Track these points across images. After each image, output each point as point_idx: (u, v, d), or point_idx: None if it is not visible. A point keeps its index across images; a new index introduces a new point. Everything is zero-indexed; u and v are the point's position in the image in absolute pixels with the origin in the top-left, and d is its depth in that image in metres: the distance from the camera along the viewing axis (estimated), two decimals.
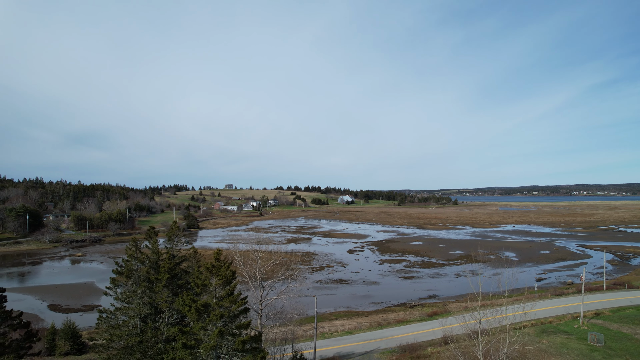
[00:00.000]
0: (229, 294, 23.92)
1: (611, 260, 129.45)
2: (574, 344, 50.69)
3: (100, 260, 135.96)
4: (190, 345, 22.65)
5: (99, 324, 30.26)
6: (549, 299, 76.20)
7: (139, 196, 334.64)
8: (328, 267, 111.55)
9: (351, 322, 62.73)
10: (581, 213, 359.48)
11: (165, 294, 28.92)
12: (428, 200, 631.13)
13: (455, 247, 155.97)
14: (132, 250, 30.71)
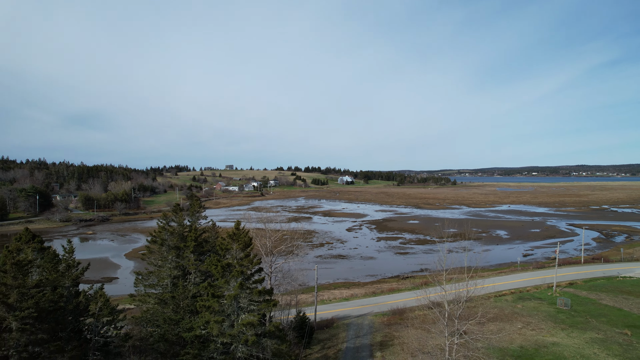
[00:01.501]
0: (247, 255, 29.91)
1: (596, 237, 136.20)
2: (544, 307, 57.25)
3: (110, 237, 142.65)
4: (217, 295, 28.76)
5: (137, 282, 36.45)
6: (530, 271, 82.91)
7: (141, 177, 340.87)
8: (328, 244, 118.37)
9: (348, 291, 69.48)
10: (577, 194, 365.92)
11: (192, 259, 34.94)
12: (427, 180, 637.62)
13: (450, 225, 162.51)
14: (162, 223, 36.64)
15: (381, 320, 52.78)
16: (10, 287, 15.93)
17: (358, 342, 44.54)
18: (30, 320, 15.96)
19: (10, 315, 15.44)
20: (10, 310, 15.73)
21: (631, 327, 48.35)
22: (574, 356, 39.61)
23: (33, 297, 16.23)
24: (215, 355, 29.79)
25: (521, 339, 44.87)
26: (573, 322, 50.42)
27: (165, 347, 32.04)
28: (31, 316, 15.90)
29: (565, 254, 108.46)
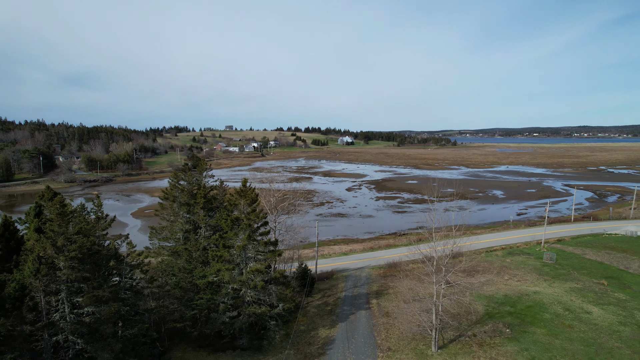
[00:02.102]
0: (253, 210, 32.67)
1: (590, 197, 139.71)
2: (531, 261, 60.95)
3: (115, 198, 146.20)
4: (228, 246, 31.76)
5: (151, 235, 39.49)
6: (522, 229, 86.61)
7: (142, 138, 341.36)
8: (328, 203, 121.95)
9: (347, 247, 73.32)
10: (576, 155, 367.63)
11: (202, 215, 37.74)
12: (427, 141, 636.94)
13: (447, 185, 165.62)
14: (174, 181, 39.16)
15: (378, 273, 56.59)
16: (57, 233, 18.56)
17: (356, 291, 48.34)
18: (75, 261, 18.70)
19: (61, 255, 18.16)
20: (59, 252, 18.44)
21: (608, 278, 52.03)
22: (551, 302, 43.34)
23: (76, 242, 18.88)
24: (227, 299, 33.19)
25: (506, 289, 48.59)
26: (556, 274, 54.10)
27: (181, 293, 35.46)
28: (76, 257, 18.63)
29: (557, 213, 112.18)
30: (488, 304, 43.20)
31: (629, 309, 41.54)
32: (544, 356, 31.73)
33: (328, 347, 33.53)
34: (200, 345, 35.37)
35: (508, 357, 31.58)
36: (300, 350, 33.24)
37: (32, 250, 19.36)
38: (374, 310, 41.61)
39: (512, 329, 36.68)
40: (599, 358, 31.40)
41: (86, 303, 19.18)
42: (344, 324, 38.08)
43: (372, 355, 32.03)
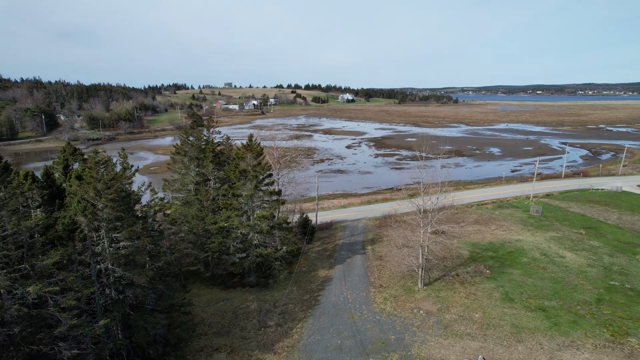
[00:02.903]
0: (259, 163, 35.92)
1: (584, 155, 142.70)
2: (519, 213, 64.98)
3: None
4: (237, 195, 35.29)
5: (164, 187, 43.02)
6: (514, 184, 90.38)
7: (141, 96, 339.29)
8: (328, 160, 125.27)
9: (346, 201, 77.33)
10: (577, 113, 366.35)
11: (211, 168, 41.04)
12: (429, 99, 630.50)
13: (446, 143, 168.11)
14: (184, 137, 42.15)
15: (374, 223, 60.77)
16: (96, 179, 21.82)
17: (353, 239, 52.58)
18: (112, 203, 22.09)
19: (101, 198, 21.55)
20: (98, 195, 21.79)
21: (587, 228, 56.15)
22: (531, 248, 47.58)
23: (111, 187, 22.20)
24: (236, 243, 37.17)
25: (492, 237, 52.77)
26: (540, 225, 58.19)
27: (194, 238, 39.43)
28: (112, 199, 22.01)
29: (550, 170, 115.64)
30: (473, 250, 47.45)
31: (599, 254, 45.80)
32: (516, 291, 36.08)
33: (327, 284, 37.92)
34: (213, 284, 39.83)
35: (485, 292, 35.95)
36: (302, 287, 37.65)
37: (76, 194, 22.73)
38: (369, 255, 45.94)
39: (491, 270, 40.98)
40: (562, 292, 35.77)
41: (123, 237, 22.81)
42: (342, 266, 42.42)
43: (366, 290, 36.42)
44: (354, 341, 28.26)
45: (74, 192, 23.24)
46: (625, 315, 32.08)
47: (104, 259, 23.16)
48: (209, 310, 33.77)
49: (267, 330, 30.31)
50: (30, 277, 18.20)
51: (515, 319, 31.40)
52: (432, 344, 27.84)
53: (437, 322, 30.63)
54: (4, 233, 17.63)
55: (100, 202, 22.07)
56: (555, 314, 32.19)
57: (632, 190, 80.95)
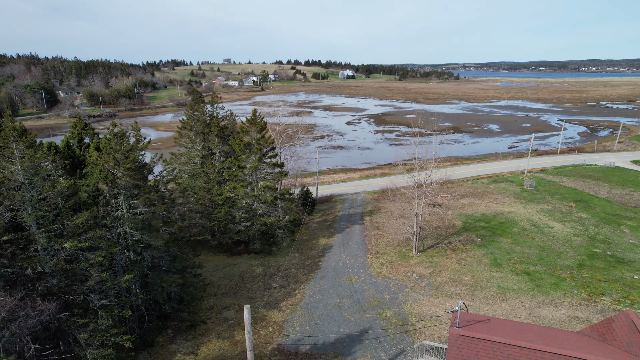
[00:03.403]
0: (263, 137, 37.77)
1: (582, 132, 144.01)
2: (513, 187, 67.16)
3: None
4: (242, 167, 37.29)
5: (171, 161, 44.98)
6: (510, 160, 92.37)
7: (139, 72, 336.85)
8: (328, 136, 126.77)
9: (345, 175, 79.46)
10: (578, 90, 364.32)
11: (216, 142, 42.90)
12: (430, 75, 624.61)
13: (445, 119, 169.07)
14: (189, 111, 43.82)
15: (372, 197, 63.02)
16: (115, 150, 23.75)
17: (352, 210, 54.91)
18: (130, 172, 24.08)
19: (119, 167, 23.55)
20: (117, 164, 23.77)
21: (578, 201, 58.39)
22: (521, 219, 49.94)
23: (129, 157, 24.16)
24: (241, 213, 39.43)
25: (485, 209, 55.07)
26: (532, 198, 60.42)
27: (201, 208, 41.68)
28: (130, 168, 24.00)
29: (547, 146, 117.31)
30: (466, 220, 49.82)
31: (585, 225, 48.18)
32: (504, 257, 38.57)
33: (327, 251, 40.40)
34: (220, 251, 42.35)
35: (475, 258, 38.43)
36: (303, 254, 40.14)
37: (96, 164, 24.68)
38: (367, 225, 48.34)
39: (482, 239, 43.40)
40: (547, 258, 38.25)
41: (140, 203, 24.89)
42: (341, 235, 44.84)
43: (363, 256, 38.91)
44: (351, 300, 30.83)
45: (94, 162, 25.21)
46: (602, 278, 34.61)
47: (123, 224, 25.35)
48: (217, 274, 36.31)
49: (271, 291, 32.87)
50: (63, 236, 20.37)
51: (501, 281, 33.93)
52: (424, 302, 30.40)
53: (428, 284, 33.17)
54: (40, 196, 19.68)
55: (119, 171, 24.08)
56: (539, 277, 34.71)
57: (624, 165, 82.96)
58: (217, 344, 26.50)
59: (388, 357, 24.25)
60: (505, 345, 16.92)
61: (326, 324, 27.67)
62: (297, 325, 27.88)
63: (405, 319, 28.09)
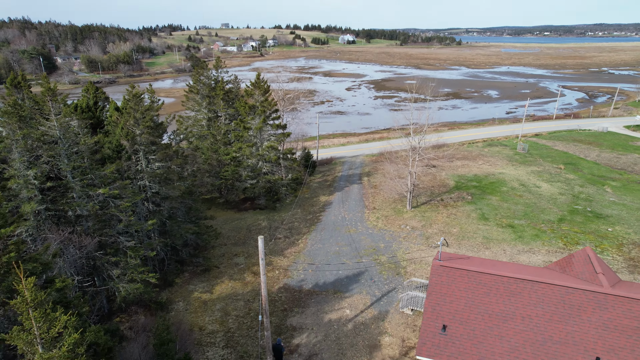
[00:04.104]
0: (266, 99, 39.92)
1: (581, 98, 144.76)
2: (506, 151, 69.64)
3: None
4: (247, 127, 39.68)
5: (179, 123, 47.26)
6: (506, 125, 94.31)
7: (136, 37, 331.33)
8: (328, 102, 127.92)
9: (345, 139, 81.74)
10: (581, 55, 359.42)
11: (222, 104, 45.03)
12: (431, 40, 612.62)
13: (445, 85, 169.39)
14: (196, 75, 45.68)
15: (370, 159, 65.62)
16: (134, 110, 26.11)
17: (351, 172, 57.67)
18: (148, 129, 26.55)
19: (139, 125, 26.01)
20: (137, 122, 26.21)
21: (567, 164, 61.03)
22: (511, 179, 52.78)
23: (146, 116, 26.56)
24: (247, 171, 42.13)
25: (477, 170, 57.77)
26: (524, 161, 63.02)
27: (210, 168, 44.33)
28: (148, 126, 26.46)
29: (544, 112, 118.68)
30: (459, 180, 52.65)
31: (571, 185, 51.05)
32: (491, 212, 41.62)
33: (327, 207, 43.43)
34: (228, 207, 45.37)
35: (464, 213, 41.48)
36: (305, 209, 43.19)
37: (117, 123, 27.11)
38: (365, 184, 51.23)
39: (473, 197, 46.36)
40: (531, 213, 41.31)
41: (158, 158, 27.52)
42: (340, 193, 47.78)
43: (361, 211, 41.96)
44: (349, 248, 34.06)
45: (115, 121, 27.62)
46: (579, 230, 37.78)
47: (142, 177, 28.08)
48: (226, 227, 39.44)
49: (277, 241, 36.07)
50: (95, 185, 23.11)
51: (487, 233, 37.09)
52: (415, 250, 33.64)
53: (420, 235, 36.35)
54: (73, 150, 22.26)
55: (139, 129, 26.56)
56: (522, 230, 37.86)
57: (617, 130, 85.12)
58: (230, 285, 29.85)
59: (381, 293, 27.62)
60: (478, 273, 20.03)
61: (327, 267, 30.97)
62: (300, 269, 31.20)
63: (397, 263, 31.37)
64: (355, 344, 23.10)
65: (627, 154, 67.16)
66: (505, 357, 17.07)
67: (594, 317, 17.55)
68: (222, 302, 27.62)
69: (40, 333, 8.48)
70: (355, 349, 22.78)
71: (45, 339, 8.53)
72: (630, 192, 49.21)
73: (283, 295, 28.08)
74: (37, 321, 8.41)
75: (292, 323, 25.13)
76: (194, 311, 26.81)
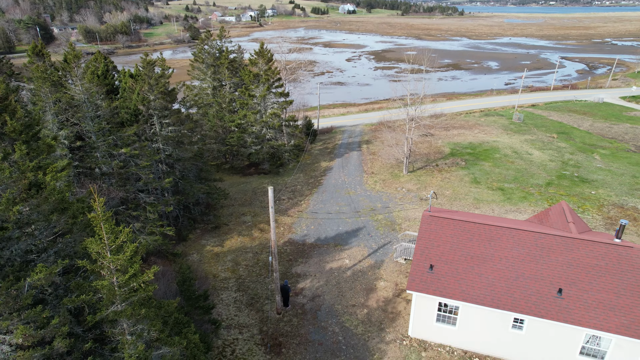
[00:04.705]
0: (270, 68, 41.59)
1: (581, 69, 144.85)
2: (502, 120, 71.44)
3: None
4: (251, 95, 41.53)
5: (185, 91, 48.98)
6: (504, 95, 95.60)
7: (133, 7, 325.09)
8: (328, 73, 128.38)
9: (345, 110, 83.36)
10: (585, 26, 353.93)
11: (226, 73, 46.64)
12: (433, 10, 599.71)
13: (445, 56, 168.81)
14: (200, 45, 47.08)
15: (369, 128, 67.56)
16: (149, 76, 28.03)
17: (350, 140, 59.74)
18: (161, 95, 28.54)
19: (154, 90, 28.01)
20: (151, 88, 28.17)
21: (560, 133, 63.00)
22: (504, 147, 54.94)
23: (159, 83, 28.50)
24: (252, 138, 44.23)
25: (472, 139, 59.82)
26: (518, 130, 64.96)
27: (216, 135, 46.42)
28: (161, 92, 28.43)
29: (543, 83, 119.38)
30: (454, 148, 54.83)
31: (562, 152, 53.27)
32: (483, 177, 44.02)
33: (328, 172, 45.81)
34: (233, 172, 47.76)
35: (457, 177, 43.89)
36: (307, 174, 45.58)
37: (133, 89, 29.06)
38: (364, 151, 53.46)
39: (466, 162, 48.66)
40: (522, 178, 43.73)
41: (171, 122, 29.64)
42: (340, 159, 50.07)
43: (360, 176, 44.37)
44: (349, 208, 36.65)
45: (131, 88, 29.54)
46: (565, 193, 40.29)
47: (157, 140, 30.27)
48: (233, 189, 41.91)
49: (280, 202, 38.61)
50: (117, 145, 25.34)
51: (478, 194, 39.60)
52: (409, 209, 36.22)
53: (415, 196, 38.88)
54: (97, 113, 24.36)
55: (153, 94, 28.55)
56: (511, 192, 40.36)
57: (612, 101, 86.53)
58: (239, 239, 32.55)
59: (377, 245, 30.35)
60: (463, 222, 22.57)
61: (328, 224, 33.63)
62: (303, 226, 33.86)
63: (393, 221, 34.02)
64: (353, 288, 25.94)
65: (619, 123, 69.06)
66: (483, 291, 19.80)
67: (561, 257, 20.18)
68: (232, 254, 30.37)
69: (109, 242, 10.90)
70: (354, 291, 25.62)
71: (112, 246, 10.97)
72: (618, 160, 51.50)
73: (288, 248, 30.81)
74: (107, 232, 10.83)
75: (297, 271, 27.93)
76: (207, 262, 29.58)
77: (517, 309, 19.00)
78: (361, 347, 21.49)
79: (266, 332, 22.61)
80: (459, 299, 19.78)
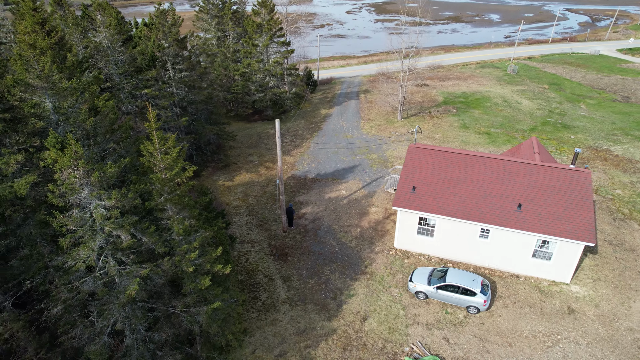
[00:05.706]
0: (272, 18, 43.62)
1: (583, 22, 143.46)
2: (497, 72, 73.41)
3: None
4: (255, 44, 43.83)
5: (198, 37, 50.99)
6: (501, 48, 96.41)
7: None
8: (328, 25, 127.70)
9: (344, 62, 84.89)
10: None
11: (230, 24, 48.54)
12: None
13: (447, 9, 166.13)
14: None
15: (368, 79, 69.72)
16: (162, 25, 30.61)
17: (349, 90, 62.28)
18: (174, 42, 31.26)
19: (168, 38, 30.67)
20: (165, 36, 30.82)
21: (552, 84, 65.33)
22: (496, 97, 57.65)
23: (172, 31, 31.07)
24: (256, 86, 46.94)
25: (466, 89, 62.29)
26: (511, 81, 67.22)
27: (221, 83, 49.05)
28: (175, 39, 31.13)
29: (543, 36, 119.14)
30: (447, 97, 57.56)
31: (550, 101, 56.06)
32: (472, 122, 47.21)
33: (327, 118, 48.95)
34: (239, 119, 50.86)
35: (448, 122, 47.09)
36: (308, 120, 48.74)
37: (148, 37, 31.65)
38: (361, 100, 56.26)
39: (458, 110, 51.64)
40: (508, 124, 46.93)
41: (184, 67, 32.50)
42: (339, 107, 53.00)
43: (357, 122, 47.57)
44: (346, 149, 40.18)
45: (146, 36, 32.13)
46: (546, 137, 43.66)
47: (171, 85, 33.25)
48: (239, 134, 45.23)
49: (284, 144, 42.08)
50: (139, 87, 28.42)
51: (465, 138, 42.98)
52: (401, 149, 39.74)
53: (407, 139, 42.29)
54: (120, 57, 27.24)
55: (167, 41, 31.22)
56: (496, 136, 43.73)
57: (609, 53, 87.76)
58: (247, 175, 36.32)
59: (371, 179, 34.17)
60: (442, 152, 26.15)
61: (327, 162, 37.31)
62: (304, 164, 37.55)
63: (385, 159, 37.67)
64: (349, 212, 29.98)
65: (610, 75, 71.14)
66: (457, 206, 23.71)
67: (524, 180, 23.93)
68: (242, 187, 34.25)
69: (159, 146, 14.45)
70: (349, 215, 29.67)
71: (162, 149, 14.54)
72: (602, 109, 54.41)
73: (291, 182, 34.64)
74: (158, 137, 14.36)
75: (299, 199, 31.89)
76: (220, 193, 33.50)
77: (483, 220, 22.99)
78: (354, 256, 25.75)
79: (274, 245, 26.82)
80: (436, 213, 23.74)
